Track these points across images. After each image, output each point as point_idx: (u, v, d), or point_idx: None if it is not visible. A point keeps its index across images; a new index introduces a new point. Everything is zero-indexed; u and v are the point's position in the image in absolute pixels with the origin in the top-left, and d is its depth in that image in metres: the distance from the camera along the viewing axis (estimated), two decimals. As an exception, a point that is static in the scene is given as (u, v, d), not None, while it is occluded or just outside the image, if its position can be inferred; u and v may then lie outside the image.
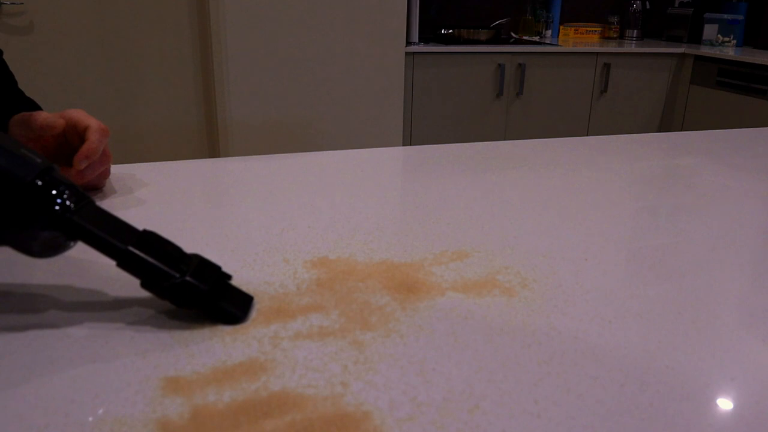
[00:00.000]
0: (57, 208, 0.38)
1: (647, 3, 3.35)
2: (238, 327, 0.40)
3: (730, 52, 2.95)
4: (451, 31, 2.92)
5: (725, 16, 3.19)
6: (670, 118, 3.15)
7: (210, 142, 2.44)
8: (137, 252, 0.39)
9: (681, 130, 2.63)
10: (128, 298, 0.43)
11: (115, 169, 0.68)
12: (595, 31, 3.41)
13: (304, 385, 0.34)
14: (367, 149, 0.82)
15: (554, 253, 0.52)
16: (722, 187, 0.72)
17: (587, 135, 3.01)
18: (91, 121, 0.60)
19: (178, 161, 0.75)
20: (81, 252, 0.50)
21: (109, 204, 0.60)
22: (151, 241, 0.40)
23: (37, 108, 0.68)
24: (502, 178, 0.73)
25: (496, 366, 0.36)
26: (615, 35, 3.44)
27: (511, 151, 0.86)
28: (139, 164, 0.73)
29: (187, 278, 0.39)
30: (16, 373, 0.34)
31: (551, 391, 0.34)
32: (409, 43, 2.66)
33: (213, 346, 0.37)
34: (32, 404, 0.32)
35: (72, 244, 0.40)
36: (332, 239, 0.54)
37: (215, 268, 0.41)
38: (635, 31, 3.39)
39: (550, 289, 0.46)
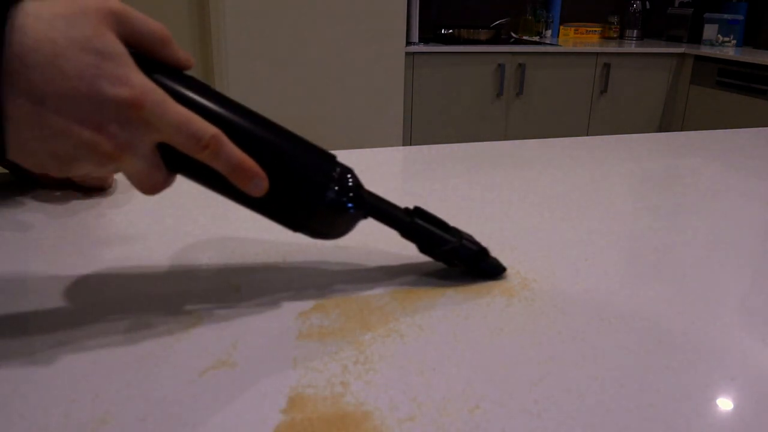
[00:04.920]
0: (358, 192, 0.42)
1: (647, 3, 3.35)
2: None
3: (730, 52, 2.95)
4: (451, 31, 2.92)
5: (725, 16, 3.19)
6: (670, 118, 3.16)
7: (210, 142, 2.43)
8: (421, 222, 0.45)
9: (681, 130, 2.64)
10: (128, 300, 0.43)
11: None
12: (595, 31, 3.42)
13: (304, 385, 0.34)
14: (367, 149, 0.82)
15: (554, 253, 0.52)
16: (722, 187, 0.72)
17: (587, 135, 3.01)
18: None
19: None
20: (80, 253, 0.50)
21: (110, 202, 0.60)
22: (424, 213, 0.46)
23: None
24: (502, 178, 0.73)
25: (496, 366, 0.36)
26: (615, 35, 3.44)
27: (511, 151, 0.86)
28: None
29: (464, 242, 0.45)
30: (16, 373, 0.34)
31: (551, 391, 0.34)
32: (409, 43, 2.66)
33: (213, 347, 0.37)
34: (32, 404, 0.32)
35: (357, 223, 0.44)
36: (332, 239, 0.54)
37: (469, 236, 0.47)
38: (635, 31, 3.39)
39: (550, 289, 0.46)
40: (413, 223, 0.45)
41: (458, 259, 0.46)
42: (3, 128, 0.31)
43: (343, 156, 0.44)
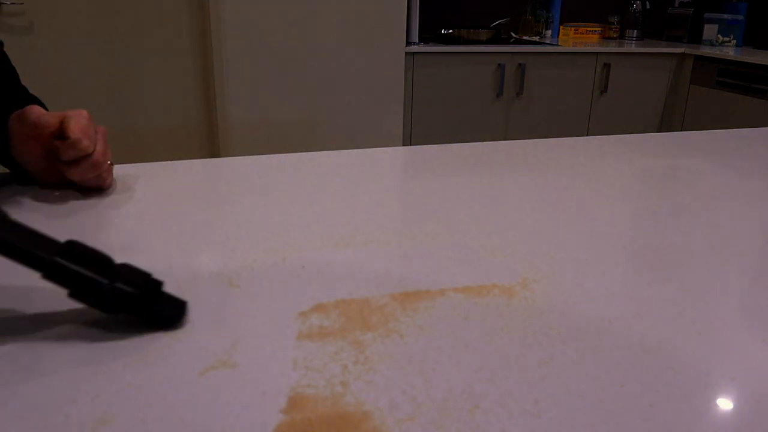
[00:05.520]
0: None
1: (647, 3, 3.35)
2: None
3: (730, 52, 2.95)
4: (451, 31, 2.92)
5: (725, 16, 3.19)
6: (670, 118, 3.15)
7: (210, 142, 2.44)
8: (64, 262, 0.37)
9: (681, 130, 2.63)
10: (128, 298, 0.43)
11: (115, 168, 0.68)
12: (595, 31, 3.41)
13: (304, 385, 0.34)
14: (367, 149, 0.82)
15: (554, 253, 0.52)
16: (722, 187, 0.72)
17: (587, 135, 3.01)
18: (76, 119, 0.59)
19: (178, 161, 0.75)
20: (81, 252, 0.50)
21: (109, 203, 0.60)
22: (78, 250, 0.38)
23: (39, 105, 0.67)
24: (502, 178, 0.73)
25: (496, 366, 0.36)
26: (615, 35, 3.44)
27: (511, 151, 0.86)
28: (139, 164, 0.73)
29: (117, 284, 0.37)
30: (16, 373, 0.34)
31: (551, 391, 0.34)
32: (409, 43, 2.65)
33: (213, 347, 0.37)
34: (32, 404, 0.32)
35: None
36: (332, 239, 0.54)
37: (145, 275, 0.40)
38: (635, 31, 3.39)
39: (550, 289, 0.46)
40: (54, 263, 0.37)
41: (112, 305, 0.38)
42: None
43: (344, 156, 0.44)
